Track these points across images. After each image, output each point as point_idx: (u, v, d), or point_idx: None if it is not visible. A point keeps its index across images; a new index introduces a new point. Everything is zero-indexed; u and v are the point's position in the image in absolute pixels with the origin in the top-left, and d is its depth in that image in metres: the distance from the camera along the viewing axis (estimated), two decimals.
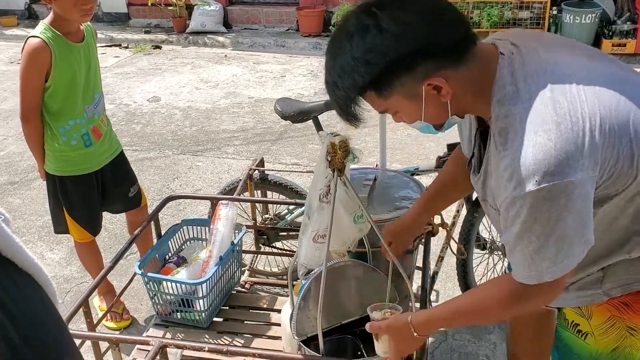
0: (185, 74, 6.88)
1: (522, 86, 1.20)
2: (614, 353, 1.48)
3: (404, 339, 1.52)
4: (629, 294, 1.41)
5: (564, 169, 1.13)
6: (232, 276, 2.53)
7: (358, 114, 1.31)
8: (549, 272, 1.24)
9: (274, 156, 4.72)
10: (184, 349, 2.11)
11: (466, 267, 2.67)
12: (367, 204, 2.03)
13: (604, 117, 1.17)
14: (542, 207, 1.16)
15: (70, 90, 2.52)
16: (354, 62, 1.21)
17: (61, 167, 2.63)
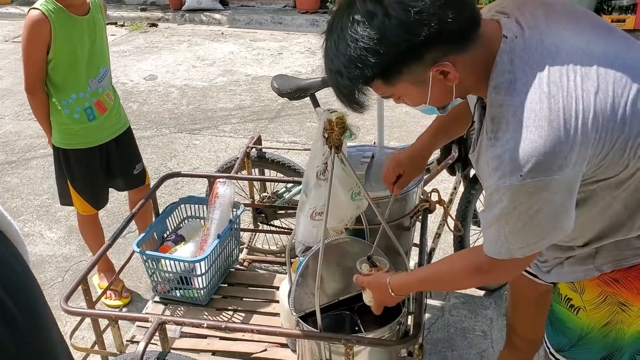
0: (182, 52, 6.83)
1: (520, 76, 1.19)
2: (605, 328, 1.50)
3: (383, 295, 1.66)
4: (619, 269, 1.43)
5: (550, 167, 1.15)
6: (231, 254, 2.54)
7: (362, 101, 1.29)
8: (519, 251, 1.28)
9: (271, 134, 4.71)
10: (183, 326, 2.13)
11: (463, 244, 2.68)
12: (364, 181, 2.03)
13: (597, 112, 1.16)
14: (523, 199, 1.19)
15: (72, 64, 2.52)
16: (362, 52, 1.18)
17: (65, 140, 2.65)
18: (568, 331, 1.57)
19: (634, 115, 1.19)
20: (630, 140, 1.20)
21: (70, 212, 3.78)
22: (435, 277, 1.55)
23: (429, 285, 1.67)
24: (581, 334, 1.54)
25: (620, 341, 1.50)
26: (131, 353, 1.75)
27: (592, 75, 1.19)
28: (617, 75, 1.20)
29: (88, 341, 2.61)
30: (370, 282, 1.68)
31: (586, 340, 1.53)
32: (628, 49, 1.28)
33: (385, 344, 1.72)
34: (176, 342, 2.20)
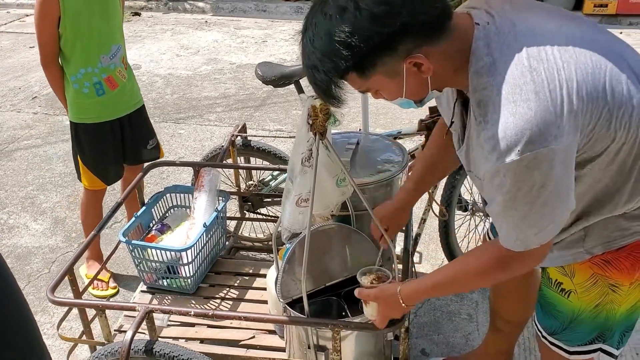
0: (166, 40, 6.77)
1: (499, 56, 1.21)
2: (596, 309, 1.52)
3: (392, 307, 1.57)
4: (610, 251, 1.44)
5: (545, 137, 1.15)
6: (217, 243, 2.54)
7: (340, 96, 1.30)
8: (535, 238, 1.28)
9: (257, 122, 4.70)
10: (170, 314, 2.14)
11: (448, 229, 2.70)
12: (349, 168, 2.03)
13: (580, 82, 1.18)
14: (525, 176, 1.18)
15: (81, 39, 2.55)
16: (335, 45, 1.20)
17: (77, 114, 2.70)
18: (559, 314, 1.59)
19: (615, 87, 1.21)
20: (614, 111, 1.22)
21: (56, 203, 3.76)
22: (454, 279, 1.47)
23: (446, 289, 1.60)
24: (573, 316, 1.56)
25: (611, 320, 1.53)
26: (119, 342, 1.76)
27: (570, 52, 1.21)
28: (593, 53, 1.22)
29: (76, 331, 2.61)
30: (377, 295, 1.59)
31: (578, 322, 1.55)
32: (597, 31, 1.32)
33: (372, 329, 1.74)
34: (164, 331, 2.21)
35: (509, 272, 1.40)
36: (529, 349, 2.48)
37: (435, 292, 1.58)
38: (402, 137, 2.67)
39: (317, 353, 1.77)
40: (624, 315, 1.53)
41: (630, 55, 1.31)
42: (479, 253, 1.47)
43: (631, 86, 1.24)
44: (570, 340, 1.59)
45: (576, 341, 1.58)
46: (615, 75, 1.23)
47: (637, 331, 2.51)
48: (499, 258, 1.36)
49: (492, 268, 1.39)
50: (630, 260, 1.44)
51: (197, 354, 1.76)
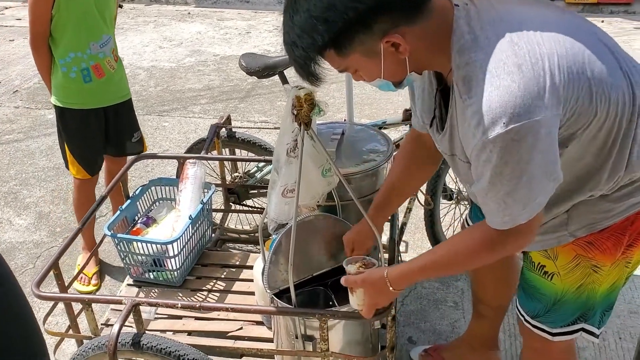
0: (148, 32, 6.71)
1: (480, 33, 1.22)
2: (578, 290, 1.55)
3: (379, 292, 1.55)
4: (592, 233, 1.47)
5: (529, 109, 1.16)
6: (203, 235, 2.54)
7: (318, 73, 1.31)
8: (522, 214, 1.28)
9: (241, 114, 4.68)
10: (157, 307, 2.13)
11: (433, 218, 2.72)
12: (335, 158, 2.04)
13: (561, 56, 1.20)
14: (512, 149, 1.19)
15: (73, 22, 2.55)
16: (312, 20, 1.21)
17: (62, 98, 2.70)
18: (543, 297, 1.61)
19: (594, 64, 1.24)
20: (594, 86, 1.24)
21: (39, 198, 3.73)
22: (441, 261, 1.46)
23: (434, 272, 1.58)
24: (556, 298, 1.58)
25: (592, 300, 1.55)
26: (106, 336, 1.75)
27: (550, 30, 1.23)
28: (572, 33, 1.25)
29: (62, 326, 2.60)
30: (364, 280, 1.57)
31: (561, 303, 1.58)
32: (574, 17, 1.35)
33: (359, 317, 1.75)
34: (151, 323, 2.21)
35: (498, 252, 1.38)
36: (514, 335, 2.51)
37: (423, 275, 1.55)
38: (387, 127, 2.68)
39: (305, 343, 1.78)
40: (604, 294, 1.56)
41: (607, 39, 1.34)
42: (467, 234, 1.47)
43: (609, 64, 1.27)
44: (553, 322, 1.62)
45: (559, 322, 1.61)
46: (593, 53, 1.25)
47: (619, 316, 2.57)
48: (487, 239, 1.36)
49: (480, 249, 1.38)
50: (612, 240, 1.46)
51: (185, 346, 1.76)
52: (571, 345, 1.74)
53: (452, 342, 2.40)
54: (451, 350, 2.34)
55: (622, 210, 1.43)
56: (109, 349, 1.68)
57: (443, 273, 1.57)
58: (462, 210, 2.88)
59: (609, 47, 1.31)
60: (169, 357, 1.73)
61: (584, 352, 2.41)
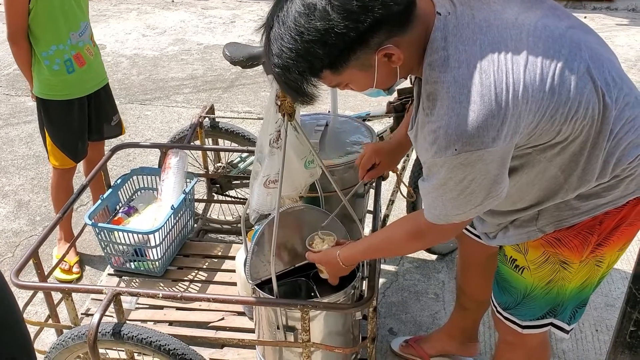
0: (131, 20, 6.63)
1: (453, 52, 1.22)
2: (547, 286, 1.58)
3: (335, 268, 1.73)
4: (560, 229, 1.50)
5: (482, 140, 1.19)
6: (185, 225, 2.53)
7: (313, 93, 1.28)
8: (456, 217, 1.35)
9: (225, 104, 4.66)
10: (138, 297, 2.12)
11: (416, 209, 2.73)
12: (318, 149, 2.04)
13: (527, 83, 1.21)
14: (458, 171, 1.24)
15: (52, 14, 2.52)
16: (308, 45, 1.17)
17: (45, 91, 2.67)
18: (513, 290, 1.64)
19: (562, 84, 1.24)
20: (560, 107, 1.25)
21: (19, 186, 3.69)
22: (380, 245, 1.62)
23: (375, 253, 1.74)
24: (525, 292, 1.61)
25: (562, 297, 1.58)
26: (86, 325, 1.74)
27: (522, 48, 1.23)
28: (546, 47, 1.25)
29: (41, 316, 2.57)
30: (321, 259, 1.75)
31: (530, 297, 1.61)
32: (556, 18, 1.33)
33: (340, 308, 1.76)
34: (132, 314, 2.20)
35: (425, 241, 1.55)
36: (492, 327, 2.54)
37: (366, 256, 1.74)
38: (370, 119, 2.68)
39: (287, 333, 1.78)
40: (574, 292, 1.59)
41: (589, 44, 1.32)
42: (403, 222, 1.57)
43: (581, 79, 1.26)
44: (523, 315, 1.65)
45: (528, 316, 1.65)
46: (567, 68, 1.24)
47: (596, 308, 2.61)
48: (418, 229, 1.46)
49: (411, 237, 1.49)
50: (579, 238, 1.49)
51: (166, 336, 1.75)
52: (544, 339, 1.77)
53: (432, 333, 2.42)
54: (431, 341, 2.37)
55: (589, 209, 1.46)
56: (89, 339, 1.67)
57: (383, 255, 1.93)
58: None
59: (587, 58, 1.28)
60: (149, 347, 1.72)
61: (561, 344, 2.45)
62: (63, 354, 1.84)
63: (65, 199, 2.80)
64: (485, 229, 1.65)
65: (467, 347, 2.32)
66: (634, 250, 1.79)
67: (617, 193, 1.43)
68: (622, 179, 1.41)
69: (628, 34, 5.69)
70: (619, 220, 1.47)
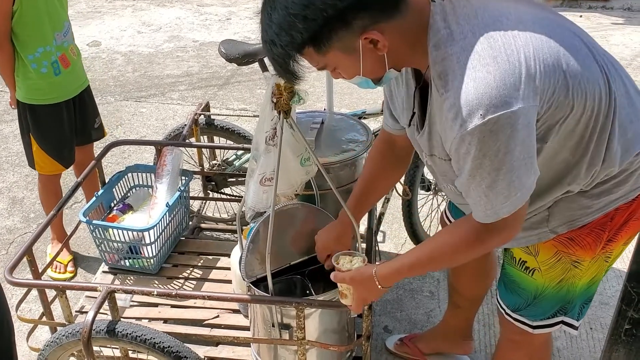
0: (126, 17, 6.61)
1: (455, 28, 1.23)
2: (559, 285, 1.57)
3: (368, 290, 1.55)
4: (573, 229, 1.49)
5: (506, 99, 1.17)
6: (180, 222, 2.52)
7: (297, 71, 1.30)
8: (504, 207, 1.28)
9: (220, 101, 4.65)
10: (133, 294, 2.12)
11: (411, 208, 2.74)
12: (314, 147, 2.03)
13: (537, 49, 1.21)
14: (490, 141, 1.19)
15: (36, 16, 2.47)
16: (290, 18, 1.20)
17: (32, 96, 2.61)
18: (523, 292, 1.63)
19: (570, 57, 1.24)
20: (571, 79, 1.24)
21: (13, 183, 3.67)
22: (430, 257, 1.46)
23: (423, 268, 1.54)
24: (536, 293, 1.60)
25: (572, 294, 1.58)
26: (80, 323, 1.74)
27: (524, 22, 1.24)
28: (547, 29, 1.26)
29: (35, 313, 2.56)
30: (353, 278, 1.56)
31: (541, 298, 1.60)
32: (551, 13, 1.35)
33: (336, 306, 1.75)
34: (127, 311, 2.19)
35: (486, 245, 1.39)
36: (488, 325, 2.55)
37: (412, 272, 1.53)
38: (366, 117, 2.68)
39: (282, 331, 1.78)
40: (584, 288, 1.58)
41: (583, 35, 1.35)
42: (454, 229, 1.45)
43: (585, 59, 1.28)
44: (533, 315, 1.64)
45: (539, 316, 1.63)
46: (570, 47, 1.26)
47: (590, 307, 2.60)
48: (474, 232, 1.36)
49: (469, 242, 1.38)
50: (592, 236, 1.48)
51: (161, 334, 1.75)
52: (548, 337, 1.77)
53: (427, 332, 2.42)
54: (426, 339, 2.37)
55: (601, 207, 1.45)
56: (83, 336, 1.66)
57: (431, 269, 1.60)
58: (440, 201, 2.90)
59: (586, 42, 1.32)
60: (144, 344, 1.72)
61: (556, 342, 2.45)
62: (57, 352, 1.84)
63: (55, 202, 2.79)
64: None
65: (462, 345, 2.32)
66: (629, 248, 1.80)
67: (627, 187, 1.43)
68: (631, 172, 1.41)
69: (623, 33, 5.70)
70: (628, 215, 1.48)
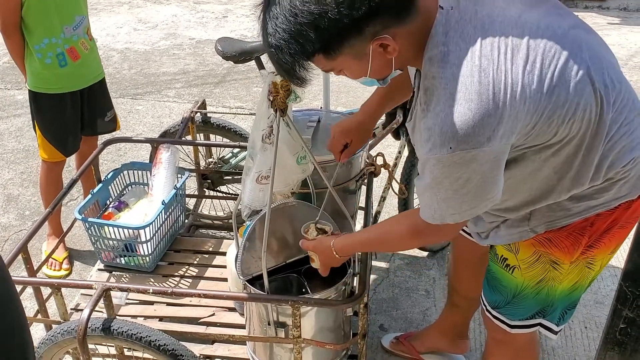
0: (123, 14, 6.59)
1: (453, 49, 1.21)
2: (538, 285, 1.58)
3: (328, 257, 1.73)
4: (551, 230, 1.50)
5: (479, 139, 1.19)
6: (176, 220, 2.52)
7: (304, 77, 1.29)
8: (451, 217, 1.34)
9: (217, 99, 4.64)
10: (128, 292, 2.11)
11: (407, 206, 2.73)
12: (310, 145, 2.03)
13: (525, 85, 1.20)
14: (453, 169, 1.24)
15: (45, 8, 2.50)
16: (301, 27, 1.17)
17: (38, 84, 2.65)
18: (503, 289, 1.64)
19: (561, 86, 1.23)
20: (558, 109, 1.24)
21: (8, 180, 3.66)
22: (376, 239, 1.63)
23: (369, 247, 1.75)
24: (515, 291, 1.62)
25: (552, 297, 1.59)
26: (75, 320, 1.73)
27: (522, 47, 1.22)
28: (547, 46, 1.24)
29: (30, 311, 2.55)
30: (315, 246, 1.74)
31: (520, 297, 1.61)
32: (559, 17, 1.32)
33: (331, 304, 1.76)
34: (122, 309, 2.19)
35: (421, 240, 1.60)
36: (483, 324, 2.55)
37: (363, 249, 1.75)
38: None
39: (277, 329, 1.78)
40: (564, 293, 1.59)
41: (590, 44, 1.31)
42: (401, 219, 1.59)
43: (580, 82, 1.25)
44: (512, 314, 1.66)
45: (518, 315, 1.65)
46: (566, 70, 1.23)
47: (585, 306, 2.62)
48: (415, 227, 1.45)
49: (411, 234, 1.48)
50: (570, 239, 1.49)
51: (156, 332, 1.75)
52: (532, 337, 1.77)
53: (423, 330, 2.42)
54: (422, 338, 2.37)
55: (581, 211, 1.46)
56: (78, 334, 1.66)
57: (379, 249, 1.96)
58: None
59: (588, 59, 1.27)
60: (139, 342, 1.72)
61: (550, 341, 2.46)
62: (52, 350, 1.83)
63: (55, 193, 2.78)
64: (478, 229, 1.65)
65: (458, 344, 2.33)
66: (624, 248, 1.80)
67: (610, 195, 1.43)
68: (615, 181, 1.41)
69: (619, 33, 5.71)
70: (610, 222, 1.48)
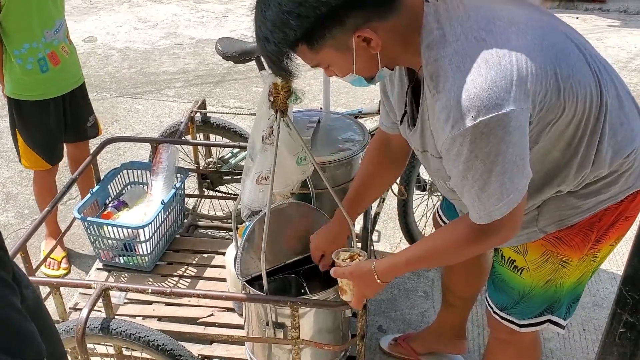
0: (123, 13, 6.59)
1: (448, 29, 1.23)
2: (546, 284, 1.58)
3: (367, 284, 1.55)
4: (561, 229, 1.50)
5: (497, 102, 1.17)
6: (175, 220, 2.52)
7: (290, 68, 1.31)
8: (496, 209, 1.28)
9: (216, 99, 4.64)
10: (127, 292, 2.11)
11: (407, 208, 2.74)
12: (310, 146, 2.03)
13: (529, 51, 1.21)
14: (481, 142, 1.19)
15: (25, 12, 2.45)
16: (284, 15, 1.21)
17: (18, 91, 2.59)
18: (511, 291, 1.64)
19: (561, 61, 1.25)
20: (561, 82, 1.25)
21: (7, 179, 3.65)
22: (427, 255, 1.48)
23: (420, 264, 1.59)
24: (524, 292, 1.61)
25: (559, 293, 1.59)
26: (74, 320, 1.73)
27: (516, 25, 1.24)
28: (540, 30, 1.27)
29: None
30: (352, 272, 1.58)
31: (529, 297, 1.61)
32: (544, 15, 1.36)
33: (330, 305, 1.76)
34: (121, 308, 2.19)
35: (482, 245, 1.40)
36: (481, 325, 2.55)
37: (410, 267, 1.55)
38: (363, 117, 2.68)
39: (276, 330, 1.78)
40: (571, 288, 1.59)
41: (576, 36, 1.36)
42: (453, 227, 1.46)
43: (577, 62, 1.28)
44: (521, 314, 1.65)
45: (527, 314, 1.64)
46: (562, 50, 1.27)
47: (583, 308, 2.62)
48: (471, 232, 1.37)
49: (466, 241, 1.39)
50: (580, 236, 1.49)
51: (155, 332, 1.75)
52: (536, 336, 1.78)
53: (421, 331, 2.43)
54: (420, 339, 2.37)
55: (590, 207, 1.46)
56: (77, 334, 1.65)
57: (427, 266, 1.60)
58: (435, 201, 2.90)
59: (578, 45, 1.33)
60: (138, 342, 1.72)
61: (549, 343, 2.46)
62: None
63: (47, 197, 2.77)
64: None
65: (456, 344, 2.33)
66: (623, 251, 1.81)
67: (617, 189, 1.44)
68: (620, 173, 1.42)
69: (619, 36, 5.72)
70: (616, 215, 1.48)
